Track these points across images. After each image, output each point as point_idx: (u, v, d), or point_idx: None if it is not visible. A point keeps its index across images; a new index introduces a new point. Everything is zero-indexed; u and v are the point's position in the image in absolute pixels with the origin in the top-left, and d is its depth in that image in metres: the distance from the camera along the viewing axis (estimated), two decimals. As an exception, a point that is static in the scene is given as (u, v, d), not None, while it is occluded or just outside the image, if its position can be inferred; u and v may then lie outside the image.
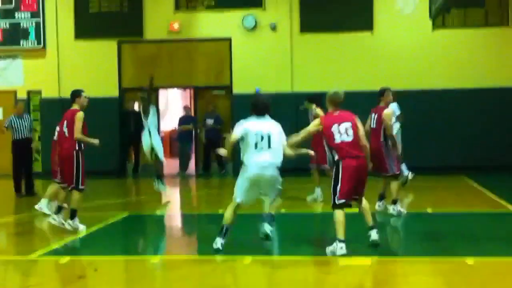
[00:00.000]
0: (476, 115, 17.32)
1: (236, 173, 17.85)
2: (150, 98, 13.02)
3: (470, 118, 17.30)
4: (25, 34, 18.43)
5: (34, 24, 18.41)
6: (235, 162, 18.01)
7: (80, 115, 9.61)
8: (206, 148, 18.07)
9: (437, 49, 17.63)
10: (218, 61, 18.40)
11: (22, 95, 18.49)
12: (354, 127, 8.13)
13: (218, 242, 8.29)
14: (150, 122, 12.75)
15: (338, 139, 8.06)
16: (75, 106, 9.77)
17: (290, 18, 17.98)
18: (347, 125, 8.11)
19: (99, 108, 16.03)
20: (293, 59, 17.98)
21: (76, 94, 9.86)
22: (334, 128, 8.10)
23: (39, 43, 18.41)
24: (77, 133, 9.53)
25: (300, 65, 17.95)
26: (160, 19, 18.31)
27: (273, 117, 8.49)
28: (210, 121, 17.85)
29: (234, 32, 18.14)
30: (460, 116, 17.36)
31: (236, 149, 8.65)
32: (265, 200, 8.82)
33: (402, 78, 17.45)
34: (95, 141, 9.71)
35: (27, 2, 18.39)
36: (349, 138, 8.05)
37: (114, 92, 18.31)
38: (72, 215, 9.77)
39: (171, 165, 18.56)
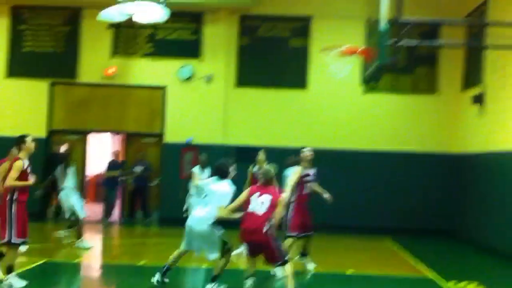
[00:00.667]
0: (401, 178, 17.66)
1: (162, 222, 17.72)
2: (69, 162, 13.21)
3: (396, 181, 17.61)
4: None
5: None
6: (161, 211, 17.83)
7: (18, 164, 8.98)
8: (133, 195, 17.82)
9: (367, 112, 18.02)
10: (152, 108, 18.30)
11: None
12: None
13: (156, 277, 8.97)
14: (69, 183, 13.00)
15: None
16: (20, 154, 9.14)
17: (227, 71, 18.12)
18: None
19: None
20: (227, 111, 18.06)
21: (21, 140, 9.15)
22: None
23: (-30, 78, 17.97)
24: (10, 181, 8.90)
25: (233, 118, 18.04)
26: (96, 63, 18.16)
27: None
28: (139, 168, 17.64)
29: (169, 81, 18.14)
30: (385, 178, 17.67)
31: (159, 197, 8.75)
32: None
33: (332, 137, 17.81)
34: (29, 182, 9.07)
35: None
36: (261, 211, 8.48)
37: (41, 133, 17.91)
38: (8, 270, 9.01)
39: (95, 211, 18.17)
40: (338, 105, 18.08)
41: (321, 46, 17.63)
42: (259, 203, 8.49)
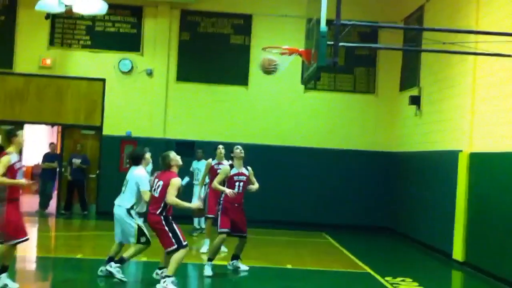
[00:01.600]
0: (340, 175, 17.98)
1: (99, 215, 17.53)
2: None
3: (331, 177, 17.92)
4: None
5: None
6: (98, 204, 17.65)
7: (5, 159, 8.33)
8: (70, 187, 17.56)
9: (306, 110, 18.28)
10: (90, 101, 18.08)
11: None
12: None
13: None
14: None
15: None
16: (10, 148, 8.52)
17: (168, 66, 18.06)
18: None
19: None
20: (167, 106, 18.01)
21: (12, 134, 8.59)
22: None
23: None
24: None
25: (173, 112, 18.01)
26: (32, 53, 17.81)
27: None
28: (77, 161, 17.39)
29: (109, 74, 17.96)
30: (324, 174, 17.96)
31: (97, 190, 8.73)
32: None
33: (271, 134, 17.99)
34: (20, 181, 8.42)
35: None
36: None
37: (-25, 123, 17.49)
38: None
39: (30, 203, 17.84)
40: (278, 103, 18.26)
41: (262, 44, 17.97)
42: (156, 187, 9.02)
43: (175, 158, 9.12)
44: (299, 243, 14.96)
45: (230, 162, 10.63)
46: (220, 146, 12.48)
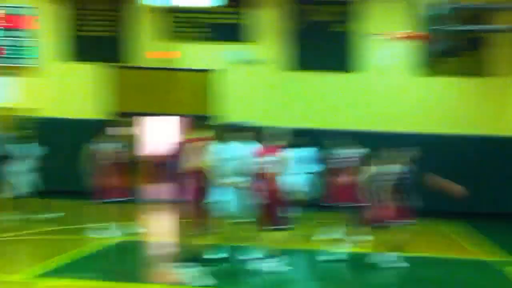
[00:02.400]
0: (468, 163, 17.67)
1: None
2: None
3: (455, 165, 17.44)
4: (21, 53, 18.90)
5: (31, 44, 18.88)
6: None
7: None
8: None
9: (414, 95, 18.32)
10: (204, 91, 18.65)
11: (16, 112, 18.78)
12: None
13: None
14: None
15: None
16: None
17: (279, 54, 18.49)
18: None
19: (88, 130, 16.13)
20: (280, 94, 18.53)
21: None
22: None
23: (35, 62, 18.88)
24: None
25: (286, 101, 18.50)
26: (148, 47, 18.65)
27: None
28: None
29: (221, 65, 18.54)
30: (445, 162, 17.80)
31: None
32: None
33: (377, 120, 18.13)
34: None
35: (25, 23, 18.84)
36: None
37: (101, 115, 18.57)
38: None
39: (160, 191, 18.84)
40: (388, 88, 18.35)
41: (367, 31, 18.19)
42: None
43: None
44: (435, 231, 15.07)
45: None
46: None
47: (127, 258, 11.31)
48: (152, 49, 18.72)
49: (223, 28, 18.71)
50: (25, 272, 9.43)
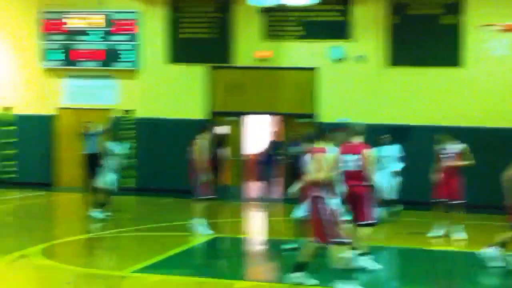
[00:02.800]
0: None
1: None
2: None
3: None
4: (120, 56, 19.30)
5: (129, 46, 19.26)
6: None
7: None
8: (290, 174, 18.24)
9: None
10: (303, 89, 18.69)
11: (116, 113, 19.30)
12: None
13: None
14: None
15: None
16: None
17: (378, 50, 18.13)
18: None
19: (186, 129, 16.39)
20: (379, 91, 18.10)
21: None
22: None
23: (133, 65, 19.24)
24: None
25: (386, 97, 18.04)
26: (248, 47, 18.77)
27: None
28: (294, 148, 18.04)
29: (320, 63, 18.42)
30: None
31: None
32: None
33: (490, 115, 17.36)
34: None
35: (124, 26, 19.29)
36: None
37: (200, 116, 18.84)
38: None
39: (254, 189, 18.89)
40: (502, 83, 17.53)
41: (474, 23, 17.51)
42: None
43: None
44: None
45: None
46: None
47: (222, 255, 11.31)
48: (254, 48, 18.71)
49: (324, 26, 18.46)
50: (126, 267, 9.51)
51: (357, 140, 9.70)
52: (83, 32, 19.49)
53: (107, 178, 13.78)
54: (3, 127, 20.09)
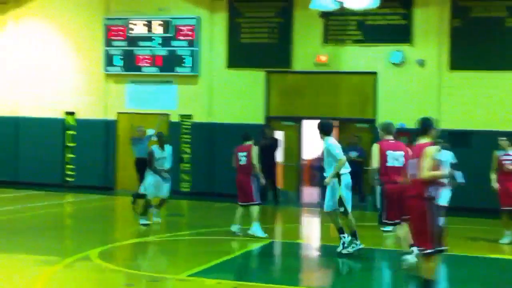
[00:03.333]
0: None
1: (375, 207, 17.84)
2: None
3: None
4: (180, 61, 19.51)
5: (189, 52, 19.45)
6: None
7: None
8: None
9: None
10: (363, 94, 18.54)
11: (174, 118, 19.54)
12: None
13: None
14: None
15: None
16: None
17: (439, 54, 17.81)
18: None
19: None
20: (440, 96, 17.76)
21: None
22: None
23: (193, 70, 19.42)
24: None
25: (447, 102, 17.68)
26: (307, 51, 18.72)
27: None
28: (353, 154, 17.90)
29: (380, 67, 18.22)
30: None
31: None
32: None
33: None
34: None
35: (184, 32, 19.49)
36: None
37: (259, 120, 18.87)
38: None
39: (311, 194, 18.78)
40: None
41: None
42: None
43: None
44: None
45: None
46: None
47: (278, 260, 11.26)
48: (313, 53, 18.66)
49: (384, 29, 18.32)
50: (182, 270, 9.59)
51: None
52: (144, 38, 19.80)
53: (161, 186, 13.57)
54: (65, 131, 20.57)
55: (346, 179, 10.82)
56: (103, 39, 20.06)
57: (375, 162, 9.81)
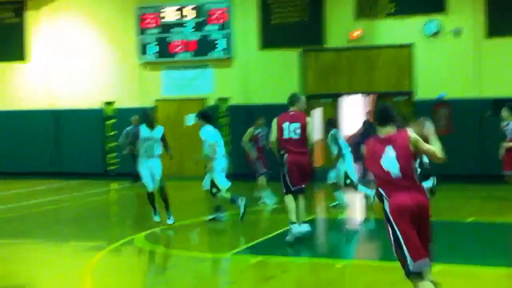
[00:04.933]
0: None
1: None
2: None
3: None
4: (214, 45, 19.54)
5: (222, 35, 19.46)
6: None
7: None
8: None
9: None
10: (399, 67, 18.33)
11: (211, 102, 19.61)
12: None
13: None
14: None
15: None
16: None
17: (475, 22, 17.49)
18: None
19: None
20: (480, 64, 17.43)
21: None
22: None
23: (227, 53, 19.43)
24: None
25: (487, 70, 17.36)
26: (340, 27, 18.58)
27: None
28: (392, 127, 17.73)
29: (415, 38, 17.97)
30: None
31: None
32: None
33: None
34: None
35: (216, 15, 19.50)
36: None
37: (296, 99, 18.79)
38: None
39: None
40: None
41: None
42: None
43: None
44: None
45: None
46: None
47: (321, 235, 11.26)
48: (346, 29, 18.51)
49: (417, 0, 18.04)
50: (227, 249, 9.70)
51: None
52: (177, 25, 19.88)
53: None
54: (104, 121, 20.82)
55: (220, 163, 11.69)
56: (136, 28, 20.20)
57: (272, 136, 9.98)
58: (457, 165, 15.47)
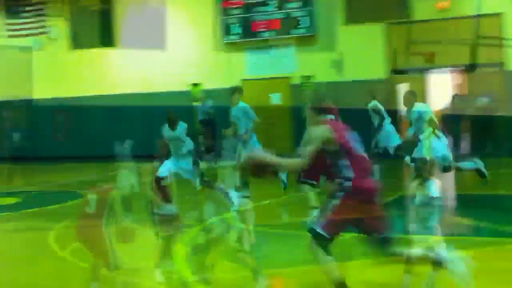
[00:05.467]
0: None
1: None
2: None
3: None
4: (297, 22, 19.46)
5: (305, 12, 19.35)
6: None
7: None
8: (478, 129, 17.43)
9: None
10: (489, 37, 17.65)
11: (295, 81, 19.58)
12: None
13: None
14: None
15: None
16: None
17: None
18: None
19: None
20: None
21: None
22: None
23: (310, 30, 19.31)
24: None
25: None
26: (427, -2, 18.12)
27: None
28: (482, 100, 17.18)
29: (505, 7, 17.27)
30: None
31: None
32: None
33: None
34: None
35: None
36: None
37: (381, 75, 18.50)
38: None
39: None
40: None
41: None
42: None
43: None
44: None
45: None
46: None
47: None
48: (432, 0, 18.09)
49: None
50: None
51: None
52: (259, 4, 19.90)
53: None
54: (192, 102, 21.14)
55: None
56: (219, 8, 20.35)
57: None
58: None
